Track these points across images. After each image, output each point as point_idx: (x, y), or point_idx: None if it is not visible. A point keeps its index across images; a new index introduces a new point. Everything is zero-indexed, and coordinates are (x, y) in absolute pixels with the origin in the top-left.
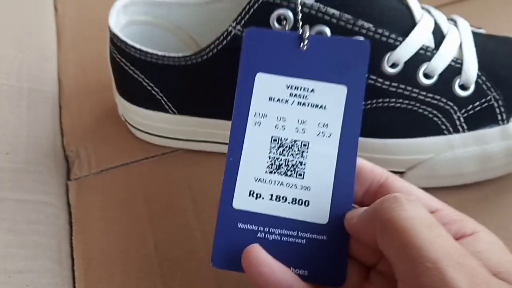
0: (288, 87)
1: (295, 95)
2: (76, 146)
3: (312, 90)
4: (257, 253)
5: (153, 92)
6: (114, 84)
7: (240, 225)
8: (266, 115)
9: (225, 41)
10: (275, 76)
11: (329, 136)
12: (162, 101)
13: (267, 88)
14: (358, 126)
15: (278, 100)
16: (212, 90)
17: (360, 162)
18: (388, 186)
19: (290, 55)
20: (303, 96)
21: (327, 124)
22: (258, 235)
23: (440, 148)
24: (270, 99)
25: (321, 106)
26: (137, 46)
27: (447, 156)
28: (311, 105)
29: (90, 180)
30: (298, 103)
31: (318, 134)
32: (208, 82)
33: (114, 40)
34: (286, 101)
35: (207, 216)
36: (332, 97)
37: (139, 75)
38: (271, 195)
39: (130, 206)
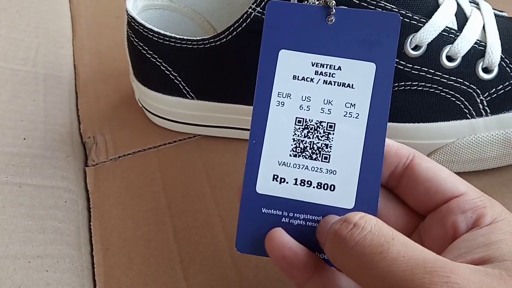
0: (314, 64)
1: (321, 73)
2: (93, 132)
3: (339, 68)
4: (280, 237)
5: (171, 76)
6: (131, 69)
7: (264, 210)
8: (290, 95)
9: (244, 24)
10: (299, 53)
11: (356, 117)
12: (180, 85)
13: (291, 66)
14: (387, 106)
15: (303, 78)
16: (231, 75)
17: (387, 143)
18: (414, 168)
19: (315, 29)
20: (330, 74)
21: (354, 104)
22: (282, 220)
23: (462, 132)
24: (294, 77)
25: (348, 85)
26: (155, 29)
27: (470, 140)
28: (338, 83)
29: (108, 166)
30: (324, 81)
31: (345, 115)
32: (226, 66)
33: (132, 23)
34: (312, 80)
35: (225, 202)
36: (360, 75)
37: (157, 59)
38: (296, 180)
39: (148, 192)
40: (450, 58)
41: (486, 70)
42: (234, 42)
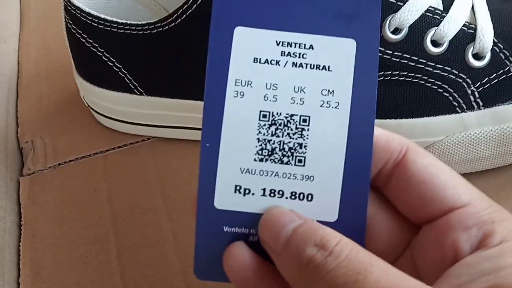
0: (279, 43)
1: (289, 53)
2: (32, 136)
3: (311, 47)
4: (241, 254)
5: (114, 68)
6: (73, 62)
7: (226, 228)
8: (251, 83)
9: (195, 5)
10: (260, 30)
11: (336, 107)
12: (126, 79)
13: (250, 46)
14: (374, 92)
15: (266, 61)
16: (184, 65)
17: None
18: (406, 166)
19: (279, 0)
20: (300, 55)
21: (333, 91)
22: (250, 239)
23: (451, 129)
24: (255, 60)
25: (323, 67)
26: (94, 12)
27: (460, 137)
28: (311, 66)
29: (45, 176)
30: (293, 64)
31: (321, 105)
32: (178, 55)
33: (68, 7)
34: (277, 63)
35: (180, 215)
36: (338, 55)
37: (98, 48)
38: (264, 190)
39: (90, 205)
40: (435, 43)
41: (477, 56)
42: (185, 27)
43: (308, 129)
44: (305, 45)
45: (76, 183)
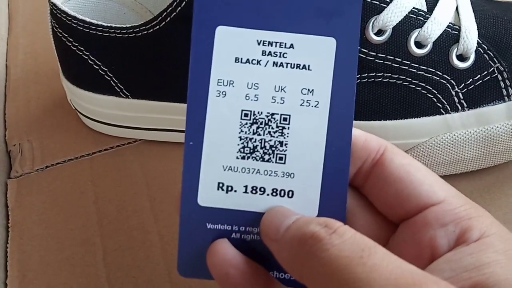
0: (260, 43)
1: (270, 53)
2: (19, 139)
3: (291, 46)
4: (224, 251)
5: (100, 71)
6: (59, 65)
7: (209, 225)
8: (233, 82)
9: (179, 8)
10: (241, 30)
11: (316, 106)
12: (112, 82)
13: (231, 46)
14: (353, 91)
15: (248, 61)
16: (168, 68)
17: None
18: (384, 164)
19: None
20: (280, 54)
21: (312, 90)
22: (232, 236)
23: (435, 130)
24: (236, 60)
25: (304, 67)
26: (79, 16)
27: (444, 139)
28: (291, 65)
29: (33, 178)
30: (274, 63)
31: (301, 104)
32: (163, 58)
33: (54, 11)
34: (258, 62)
35: (166, 216)
36: (318, 54)
37: (84, 52)
38: (246, 187)
39: (77, 207)
40: (419, 44)
41: (461, 57)
42: (169, 30)
43: (288, 128)
44: (285, 44)
45: (63, 186)
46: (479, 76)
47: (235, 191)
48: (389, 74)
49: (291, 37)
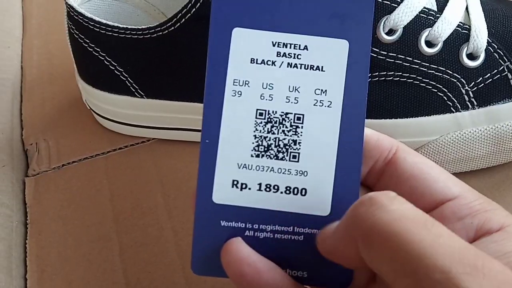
0: (275, 44)
1: (284, 54)
2: (36, 138)
3: (305, 47)
4: (239, 249)
5: (116, 72)
6: (75, 66)
7: (223, 223)
8: (248, 83)
9: (194, 9)
10: (257, 31)
11: (328, 106)
12: (127, 82)
13: (248, 47)
14: (365, 92)
15: (263, 62)
16: (183, 68)
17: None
18: (397, 163)
19: (275, 2)
20: (294, 56)
21: (325, 91)
22: (246, 234)
23: (446, 128)
24: (252, 61)
25: (317, 68)
26: (96, 18)
27: (454, 137)
28: (305, 66)
29: (50, 176)
30: (288, 64)
31: (315, 104)
32: (177, 59)
33: (71, 13)
34: (273, 63)
35: (180, 213)
36: (331, 55)
37: (100, 53)
38: (260, 185)
39: (93, 204)
40: (430, 44)
41: (471, 56)
42: (184, 31)
43: (302, 127)
44: (300, 45)
45: (80, 183)
46: (489, 74)
47: (249, 188)
48: (400, 73)
49: (305, 39)
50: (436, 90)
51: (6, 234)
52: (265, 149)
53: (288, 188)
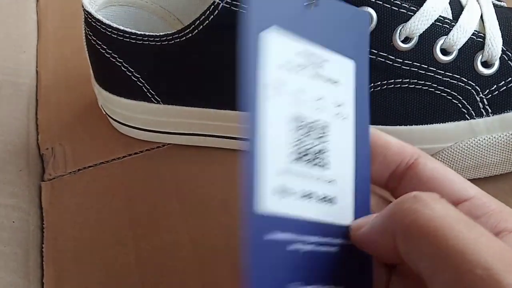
0: (302, 52)
1: (311, 63)
2: (52, 143)
3: (326, 60)
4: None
5: (133, 78)
6: (92, 72)
7: (266, 236)
8: (281, 87)
9: (212, 16)
10: (286, 38)
11: (345, 118)
12: (144, 88)
13: (277, 52)
14: (368, 110)
15: (293, 68)
16: (199, 75)
17: (388, 139)
18: (418, 168)
19: (300, 15)
20: (319, 65)
21: (343, 104)
22: (290, 248)
23: (460, 135)
24: (282, 67)
25: (335, 82)
26: (114, 25)
27: (469, 144)
28: (326, 78)
29: (66, 181)
30: (315, 74)
31: (337, 114)
32: (193, 65)
33: (89, 20)
34: (302, 70)
35: (195, 218)
36: (344, 71)
37: (117, 59)
38: (301, 191)
39: (109, 209)
40: (445, 51)
41: (486, 64)
42: (201, 38)
43: (327, 135)
44: (322, 57)
45: (95, 188)
46: (503, 82)
47: (291, 195)
48: (415, 80)
49: (326, 52)
50: (451, 98)
51: (23, 238)
52: (303, 154)
53: (322, 196)
